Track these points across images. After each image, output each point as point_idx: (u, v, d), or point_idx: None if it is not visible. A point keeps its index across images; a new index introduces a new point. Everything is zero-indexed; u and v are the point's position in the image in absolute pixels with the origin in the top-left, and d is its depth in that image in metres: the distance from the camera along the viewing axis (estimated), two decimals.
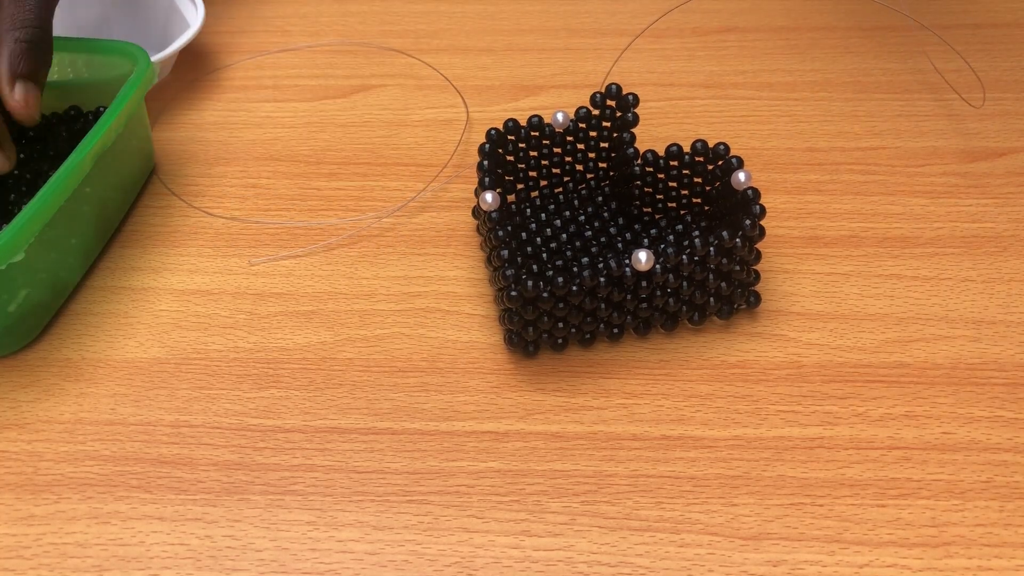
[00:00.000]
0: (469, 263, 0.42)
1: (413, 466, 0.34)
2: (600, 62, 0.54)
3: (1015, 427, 0.35)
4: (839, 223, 0.44)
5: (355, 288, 0.41)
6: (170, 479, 0.34)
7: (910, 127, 0.49)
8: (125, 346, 0.39)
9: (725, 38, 0.56)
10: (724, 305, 0.38)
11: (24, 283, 0.37)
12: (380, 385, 0.37)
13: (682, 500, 0.33)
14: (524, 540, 0.32)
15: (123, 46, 0.44)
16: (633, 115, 0.40)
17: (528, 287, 0.34)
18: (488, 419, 0.36)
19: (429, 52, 0.55)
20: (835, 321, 0.39)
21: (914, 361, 0.37)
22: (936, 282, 0.41)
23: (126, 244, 0.44)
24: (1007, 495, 0.33)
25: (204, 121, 0.51)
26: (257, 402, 0.37)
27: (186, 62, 0.55)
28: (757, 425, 0.35)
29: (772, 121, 0.50)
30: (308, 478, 0.34)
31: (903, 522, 0.32)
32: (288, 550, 0.32)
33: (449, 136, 0.49)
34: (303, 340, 0.39)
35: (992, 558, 0.31)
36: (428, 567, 0.31)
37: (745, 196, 0.37)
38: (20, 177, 0.43)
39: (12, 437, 0.36)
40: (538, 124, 0.41)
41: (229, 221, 0.45)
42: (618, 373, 0.37)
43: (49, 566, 0.32)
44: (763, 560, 0.31)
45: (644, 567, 0.31)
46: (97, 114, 0.45)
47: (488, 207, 0.36)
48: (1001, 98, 0.51)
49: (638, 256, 0.34)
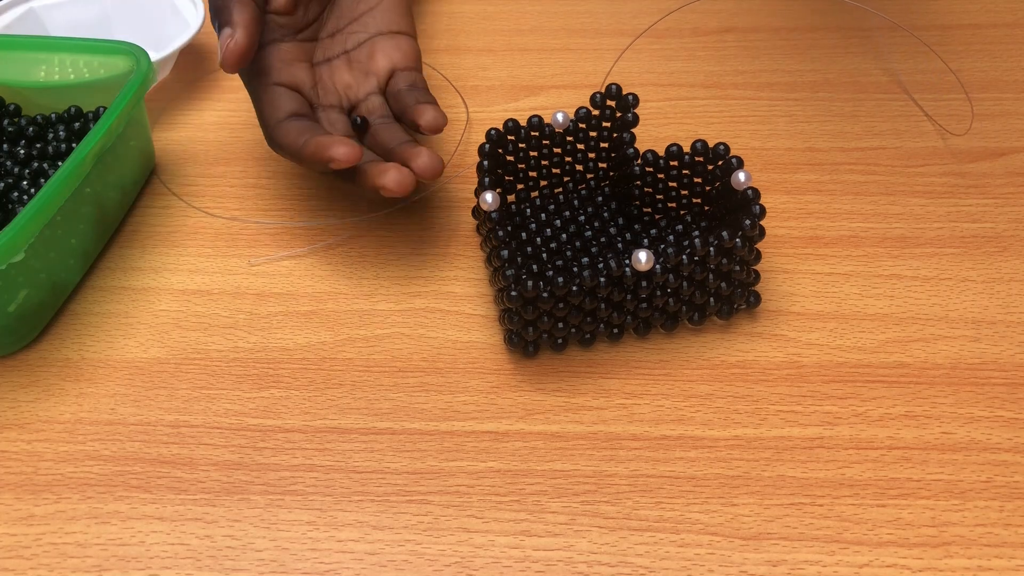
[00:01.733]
0: (469, 263, 0.42)
1: (413, 466, 0.34)
2: (600, 62, 0.54)
3: (1015, 427, 0.35)
4: (839, 223, 0.44)
5: (355, 288, 0.41)
6: (170, 479, 0.34)
7: (910, 127, 0.49)
8: (125, 346, 0.39)
9: (725, 38, 0.56)
10: (724, 305, 0.38)
11: (24, 283, 0.37)
12: (380, 385, 0.37)
13: (682, 500, 0.33)
14: (524, 540, 0.32)
15: (123, 46, 0.44)
16: (633, 115, 0.40)
17: (528, 287, 0.34)
18: (488, 419, 0.36)
19: (429, 52, 0.55)
20: (835, 321, 0.39)
21: (914, 361, 0.37)
22: (936, 282, 0.41)
23: (126, 244, 0.44)
24: (1007, 495, 0.33)
25: (204, 121, 0.51)
26: (257, 402, 0.37)
27: (186, 62, 0.55)
28: (757, 425, 0.35)
29: (772, 121, 0.50)
30: (308, 478, 0.34)
31: (903, 522, 0.32)
32: (288, 550, 0.32)
33: (449, 136, 0.49)
34: (303, 340, 0.39)
35: (992, 558, 0.31)
36: (428, 567, 0.31)
37: (745, 196, 0.37)
38: (20, 177, 0.43)
39: (12, 437, 0.36)
40: (538, 124, 0.41)
41: (229, 221, 0.45)
42: (618, 373, 0.37)
43: (49, 566, 0.32)
44: (763, 560, 0.31)
45: (644, 567, 0.31)
46: (97, 114, 0.45)
47: (488, 207, 0.36)
48: (1000, 98, 0.51)
49: (638, 256, 0.34)
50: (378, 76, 0.43)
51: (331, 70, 0.43)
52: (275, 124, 0.40)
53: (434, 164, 0.38)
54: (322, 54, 0.43)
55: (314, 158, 0.37)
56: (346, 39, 0.44)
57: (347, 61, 0.43)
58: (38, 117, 0.46)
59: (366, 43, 0.44)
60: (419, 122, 0.39)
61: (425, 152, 0.38)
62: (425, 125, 0.39)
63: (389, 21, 0.44)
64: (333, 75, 0.43)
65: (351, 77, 0.43)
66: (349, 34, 0.44)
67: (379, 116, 0.42)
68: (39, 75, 0.46)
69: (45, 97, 0.47)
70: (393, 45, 0.43)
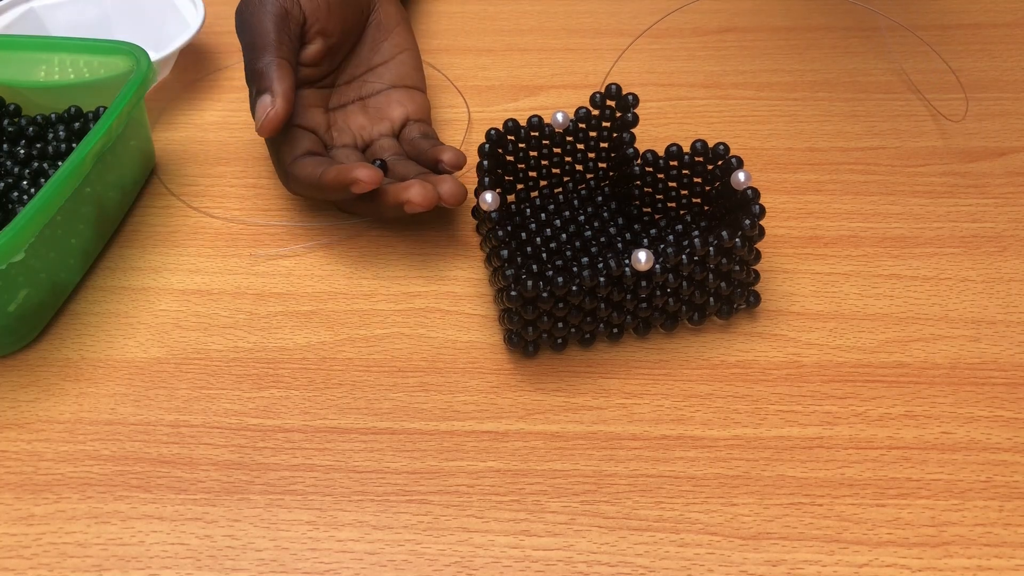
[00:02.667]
0: (469, 263, 0.42)
1: (413, 466, 0.34)
2: (600, 62, 0.54)
3: (1015, 427, 0.35)
4: (839, 223, 0.44)
5: (355, 288, 0.41)
6: (170, 479, 0.34)
7: (910, 127, 0.49)
8: (125, 346, 0.39)
9: (725, 38, 0.56)
10: (724, 305, 0.38)
11: (24, 283, 0.37)
12: (380, 385, 0.37)
13: (682, 500, 0.33)
14: (524, 540, 0.32)
15: (123, 46, 0.44)
16: (633, 115, 0.40)
17: (528, 287, 0.34)
18: (488, 419, 0.36)
19: (429, 52, 0.55)
20: (835, 321, 0.39)
21: (914, 361, 0.37)
22: (936, 282, 0.41)
23: (126, 244, 0.44)
24: (1006, 495, 0.33)
25: (204, 121, 0.51)
26: (257, 402, 0.37)
27: (186, 62, 0.55)
28: (757, 425, 0.35)
29: (772, 121, 0.50)
30: (308, 478, 0.34)
31: (902, 522, 0.32)
32: (288, 550, 0.32)
33: (450, 136, 0.49)
34: (303, 340, 0.39)
35: (991, 558, 0.31)
36: (428, 567, 0.31)
37: (745, 196, 0.37)
38: (20, 177, 0.43)
39: (12, 437, 0.36)
40: (538, 124, 0.41)
41: (229, 221, 0.45)
42: (618, 373, 0.37)
43: (49, 566, 0.32)
44: (762, 560, 0.31)
45: (644, 567, 0.31)
46: (97, 114, 0.45)
47: (488, 207, 0.36)
48: (1000, 98, 0.51)
49: (638, 256, 0.34)
50: (392, 122, 0.45)
51: (345, 114, 0.45)
52: (292, 161, 0.41)
53: (459, 190, 0.39)
54: (337, 100, 0.45)
55: (335, 183, 0.38)
56: (361, 87, 0.46)
57: (362, 107, 0.45)
58: (38, 117, 0.46)
59: (381, 93, 0.46)
60: (441, 158, 0.41)
61: (450, 178, 0.39)
62: (448, 161, 0.41)
63: (404, 75, 0.46)
64: (347, 118, 0.45)
65: (365, 120, 0.45)
66: (364, 82, 0.46)
67: (393, 154, 0.43)
68: (39, 75, 0.46)
69: (45, 97, 0.47)
70: (408, 98, 0.45)
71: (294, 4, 0.42)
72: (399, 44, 0.47)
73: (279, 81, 0.40)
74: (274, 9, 0.41)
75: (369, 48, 0.46)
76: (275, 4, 0.41)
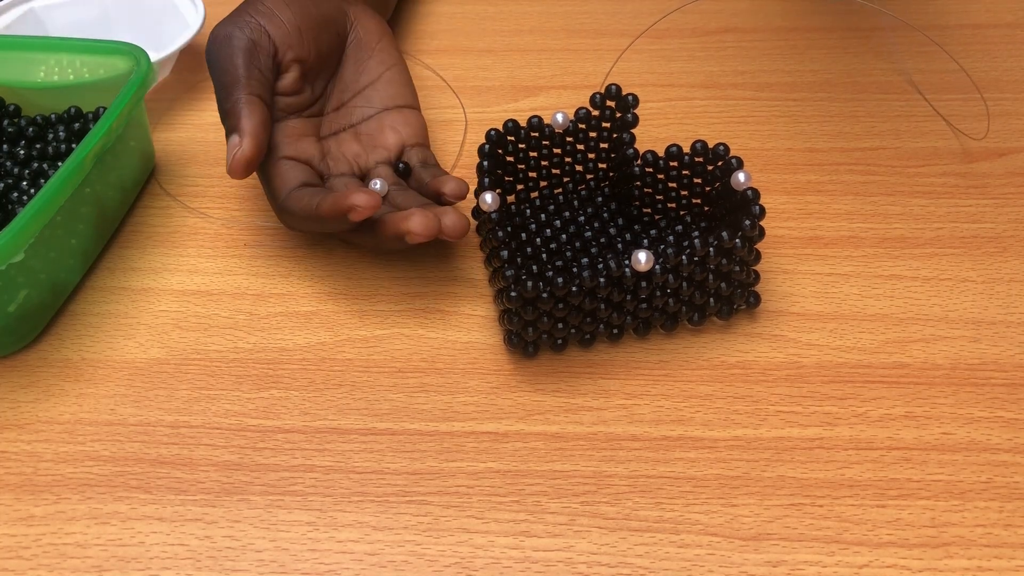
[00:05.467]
0: (469, 263, 0.42)
1: (412, 466, 0.34)
2: (600, 62, 0.54)
3: (1015, 427, 0.35)
4: (839, 223, 0.44)
5: (355, 288, 0.41)
6: (170, 479, 0.34)
7: (910, 127, 0.49)
8: (125, 346, 0.39)
9: (725, 39, 0.56)
10: (724, 305, 0.38)
11: (24, 283, 0.37)
12: (379, 385, 0.37)
13: (682, 500, 0.33)
14: (524, 540, 0.32)
15: (123, 46, 0.44)
16: (633, 116, 0.40)
17: (528, 287, 0.34)
18: (488, 419, 0.36)
19: (429, 52, 0.55)
20: (835, 321, 0.39)
21: (914, 361, 0.37)
22: (936, 282, 0.41)
23: (126, 244, 0.44)
24: (1007, 495, 0.33)
25: (204, 121, 0.51)
26: (257, 402, 0.37)
27: (186, 62, 0.55)
28: (757, 426, 0.35)
29: (771, 122, 0.50)
30: (308, 478, 0.34)
31: (903, 523, 0.32)
32: (288, 550, 0.32)
33: (449, 137, 0.49)
34: (303, 340, 0.39)
35: (992, 558, 0.31)
36: (428, 567, 0.31)
37: (745, 196, 0.37)
38: (20, 177, 0.43)
39: (12, 437, 0.36)
40: (538, 125, 0.41)
41: (229, 222, 0.45)
42: (618, 374, 0.37)
43: (49, 566, 0.32)
44: (763, 560, 0.31)
45: (644, 567, 0.31)
46: (97, 114, 0.45)
47: (488, 208, 0.36)
48: (1000, 98, 0.51)
49: (638, 257, 0.34)
50: (388, 151, 0.43)
51: (339, 142, 0.43)
52: (285, 195, 0.39)
53: (462, 223, 0.37)
54: (328, 128, 0.43)
55: (332, 211, 0.36)
56: (351, 113, 0.44)
57: (355, 134, 0.43)
58: (38, 117, 0.46)
59: (373, 118, 0.44)
60: (443, 190, 0.39)
61: (452, 210, 0.37)
62: (450, 193, 0.39)
63: (393, 95, 0.44)
64: (341, 146, 0.43)
65: (360, 147, 0.43)
66: (354, 108, 0.44)
67: (391, 183, 0.42)
68: (39, 75, 0.46)
69: (45, 97, 0.47)
70: (401, 120, 0.43)
71: (262, 34, 0.40)
72: (384, 61, 0.44)
73: (247, 119, 0.38)
74: (241, 44, 0.40)
75: (353, 69, 0.44)
76: (241, 38, 0.40)
